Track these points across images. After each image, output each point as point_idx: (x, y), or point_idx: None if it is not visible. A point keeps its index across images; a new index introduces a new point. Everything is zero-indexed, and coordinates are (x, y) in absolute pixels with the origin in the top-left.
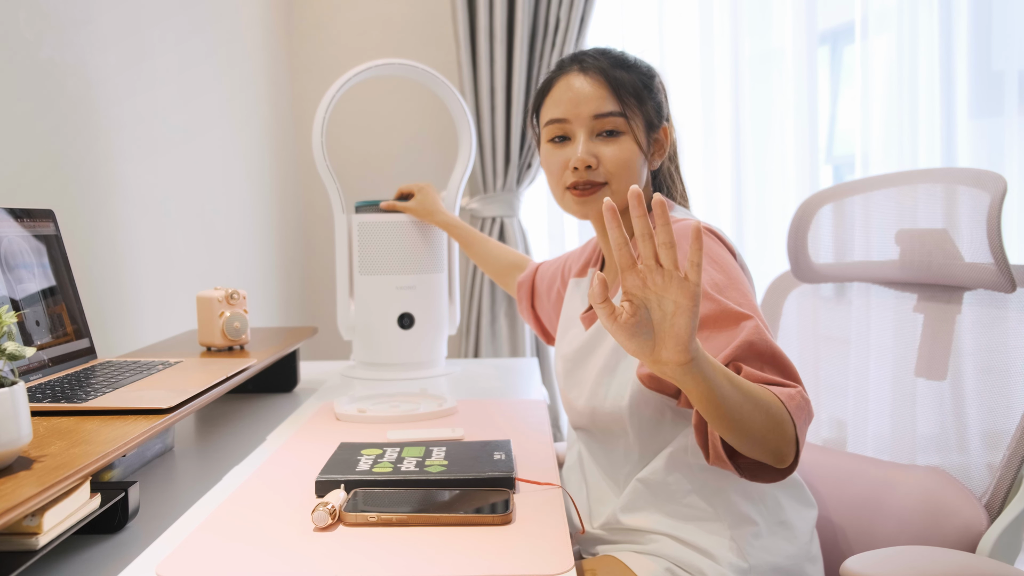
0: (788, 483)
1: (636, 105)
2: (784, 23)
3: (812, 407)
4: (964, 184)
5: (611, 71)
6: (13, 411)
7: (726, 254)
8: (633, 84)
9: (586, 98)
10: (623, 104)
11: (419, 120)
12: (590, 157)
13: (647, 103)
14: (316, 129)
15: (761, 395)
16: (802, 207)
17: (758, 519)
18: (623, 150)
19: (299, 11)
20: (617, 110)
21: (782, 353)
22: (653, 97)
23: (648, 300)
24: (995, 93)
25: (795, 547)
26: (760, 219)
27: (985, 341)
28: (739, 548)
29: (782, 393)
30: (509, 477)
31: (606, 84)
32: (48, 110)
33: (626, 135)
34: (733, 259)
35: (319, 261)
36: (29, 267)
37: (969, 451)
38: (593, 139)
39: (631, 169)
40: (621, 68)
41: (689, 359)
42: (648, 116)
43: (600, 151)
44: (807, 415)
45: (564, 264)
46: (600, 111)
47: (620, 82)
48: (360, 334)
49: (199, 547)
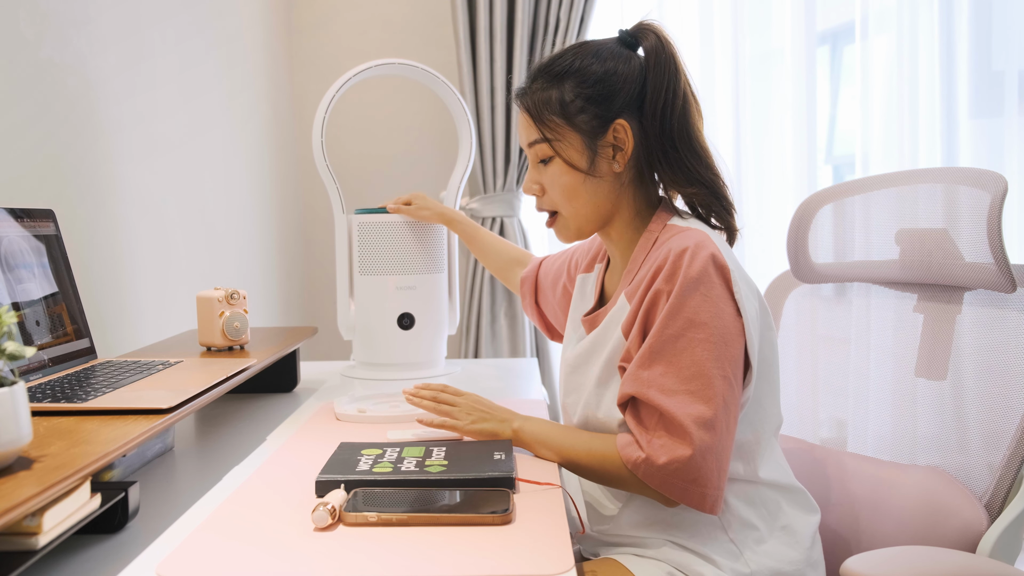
0: (791, 489)
1: (562, 123)
2: (784, 23)
3: (693, 476)
4: (964, 184)
5: (534, 96)
6: (13, 411)
7: (712, 296)
8: (560, 100)
9: (521, 130)
10: (544, 128)
11: (419, 120)
12: (532, 185)
13: (578, 114)
14: (316, 129)
15: (590, 455)
16: (802, 207)
17: (760, 524)
18: (556, 176)
19: (299, 11)
20: (538, 137)
21: (676, 415)
22: (592, 101)
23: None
24: (995, 93)
25: (797, 552)
26: (760, 219)
27: (985, 341)
28: (741, 553)
29: (628, 456)
30: (509, 477)
31: (527, 112)
32: (48, 110)
33: (555, 159)
34: (719, 298)
35: (319, 261)
36: (29, 267)
37: (969, 451)
38: (536, 167)
39: (574, 193)
40: (551, 85)
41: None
42: (585, 126)
43: (543, 180)
44: (670, 475)
45: (571, 258)
46: (528, 141)
47: (543, 104)
48: (360, 334)
49: (199, 547)
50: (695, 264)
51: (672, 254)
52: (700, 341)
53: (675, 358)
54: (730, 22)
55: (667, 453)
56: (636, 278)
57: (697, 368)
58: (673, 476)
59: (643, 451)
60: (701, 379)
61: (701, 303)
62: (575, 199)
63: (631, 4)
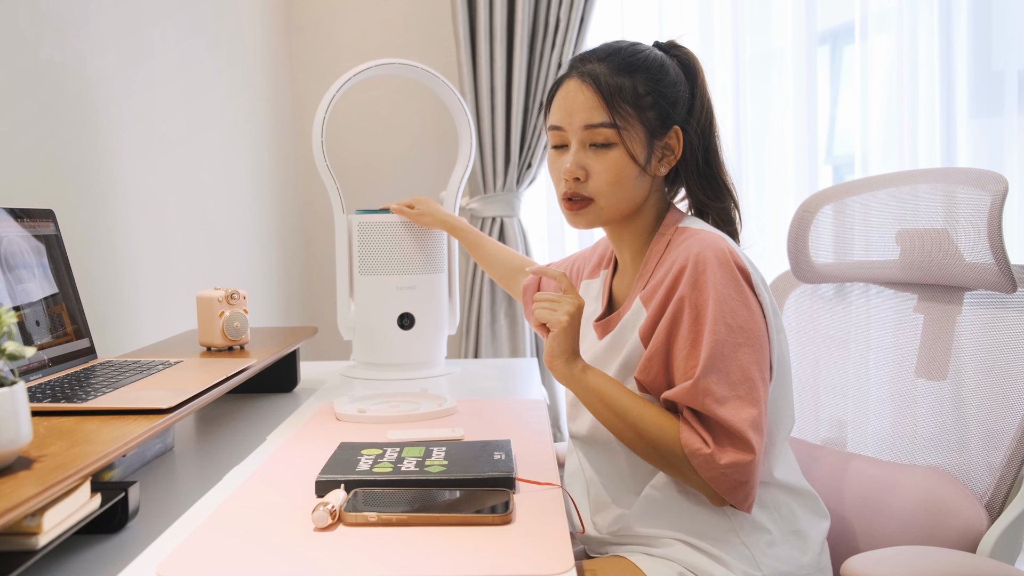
0: (803, 493)
1: (633, 114)
2: (784, 23)
3: (746, 478)
4: (964, 184)
5: (608, 78)
6: (13, 411)
7: (742, 299)
8: (633, 91)
9: (579, 107)
10: (616, 114)
11: (419, 120)
12: (578, 169)
13: (648, 110)
14: (316, 129)
15: (646, 425)
16: (802, 207)
17: (772, 528)
18: (613, 164)
19: (299, 11)
20: (608, 121)
21: (734, 422)
22: (661, 100)
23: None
24: (995, 93)
25: (808, 557)
26: (760, 219)
27: (985, 341)
28: (752, 556)
29: (689, 442)
30: (509, 477)
31: (598, 93)
32: (48, 110)
33: (617, 147)
34: (749, 300)
35: (319, 261)
36: (29, 267)
37: (969, 451)
38: (585, 150)
39: (621, 184)
40: (624, 72)
41: (556, 370)
42: (650, 124)
43: (590, 164)
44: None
45: (572, 265)
46: (590, 122)
47: (616, 90)
48: (360, 334)
49: (199, 547)
50: (722, 270)
51: (692, 259)
52: (741, 345)
53: (723, 365)
54: (730, 22)
55: (729, 456)
56: (651, 282)
57: (743, 372)
58: (731, 474)
59: (709, 447)
60: (748, 383)
61: (736, 308)
62: (622, 190)
63: (631, 4)
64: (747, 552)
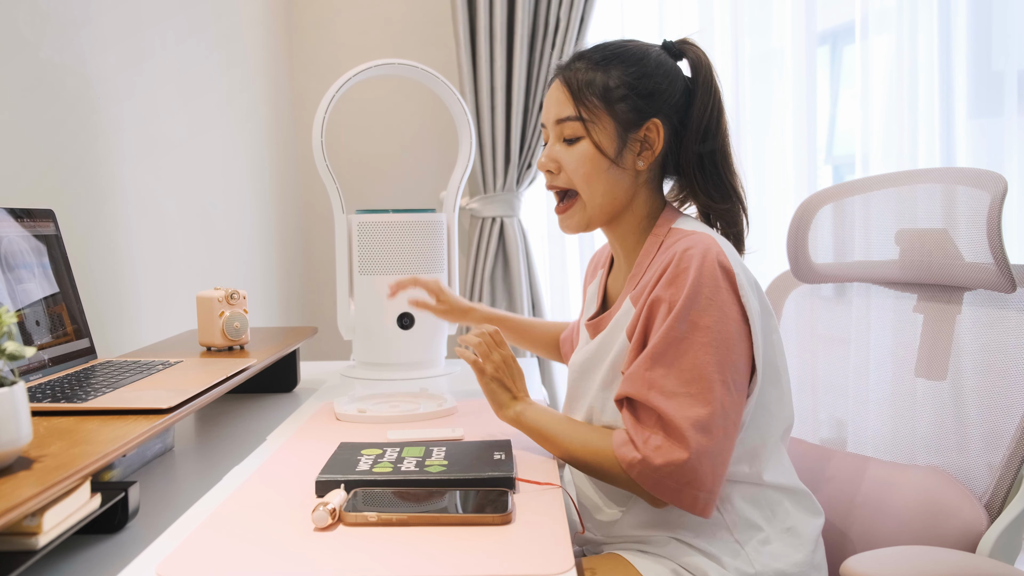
0: (796, 491)
1: (600, 106)
2: (784, 23)
3: (689, 479)
4: (964, 184)
5: (580, 74)
6: (13, 411)
7: (716, 300)
8: (603, 85)
9: (553, 103)
10: (581, 107)
11: (419, 120)
12: (549, 162)
13: (619, 103)
14: (316, 129)
15: (585, 453)
16: (802, 207)
17: (765, 526)
18: (580, 156)
19: (299, 11)
20: (573, 115)
21: (674, 418)
22: (633, 93)
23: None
24: (995, 93)
25: (801, 555)
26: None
27: (985, 341)
28: (746, 554)
29: (623, 456)
30: (509, 477)
31: (568, 88)
32: (48, 110)
33: (584, 139)
34: (725, 302)
35: (319, 261)
36: (29, 267)
37: (969, 451)
38: (560, 143)
39: (593, 174)
40: (598, 67)
41: (499, 416)
42: (621, 116)
43: (561, 157)
44: (665, 477)
45: (592, 264)
46: (560, 116)
47: (586, 84)
48: (360, 334)
49: (199, 547)
50: (700, 268)
51: (676, 258)
52: (702, 345)
53: (676, 361)
54: (730, 22)
55: (663, 455)
56: (641, 282)
57: (698, 371)
58: (668, 478)
59: (639, 452)
60: (701, 382)
61: (706, 307)
62: (594, 183)
63: (631, 4)
64: (740, 550)
